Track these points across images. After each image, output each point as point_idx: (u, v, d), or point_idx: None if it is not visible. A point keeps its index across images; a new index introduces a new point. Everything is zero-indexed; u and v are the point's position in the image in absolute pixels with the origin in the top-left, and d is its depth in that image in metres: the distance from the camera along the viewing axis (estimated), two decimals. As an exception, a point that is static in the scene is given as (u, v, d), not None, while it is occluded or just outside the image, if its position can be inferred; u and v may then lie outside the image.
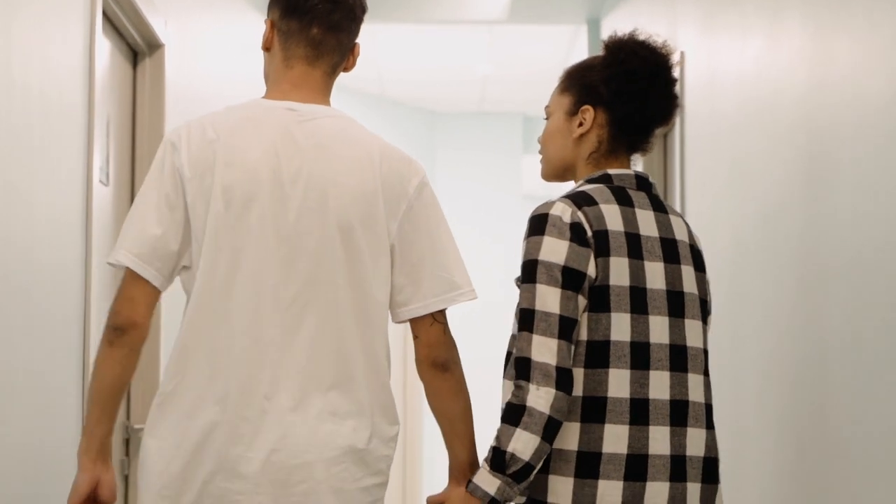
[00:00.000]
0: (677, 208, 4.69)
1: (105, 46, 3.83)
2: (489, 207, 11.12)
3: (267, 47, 2.55)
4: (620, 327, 2.50)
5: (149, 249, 2.40)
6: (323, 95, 2.54)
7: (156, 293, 2.44)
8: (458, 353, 2.58)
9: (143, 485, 2.47)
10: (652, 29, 5.36)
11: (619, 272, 2.51)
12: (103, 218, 3.81)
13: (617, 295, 2.51)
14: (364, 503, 2.45)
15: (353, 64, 2.61)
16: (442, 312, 2.54)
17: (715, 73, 4.14)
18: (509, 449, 2.43)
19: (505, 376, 2.57)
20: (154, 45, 4.24)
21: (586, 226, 2.51)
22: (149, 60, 4.25)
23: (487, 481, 2.46)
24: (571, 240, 2.49)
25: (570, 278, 2.48)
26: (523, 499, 2.49)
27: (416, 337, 2.54)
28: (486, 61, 9.60)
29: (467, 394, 2.60)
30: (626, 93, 2.62)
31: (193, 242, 2.43)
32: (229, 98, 5.83)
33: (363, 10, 2.59)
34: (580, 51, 8.12)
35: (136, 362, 2.45)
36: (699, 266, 2.67)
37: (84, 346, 3.41)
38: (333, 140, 2.46)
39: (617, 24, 6.83)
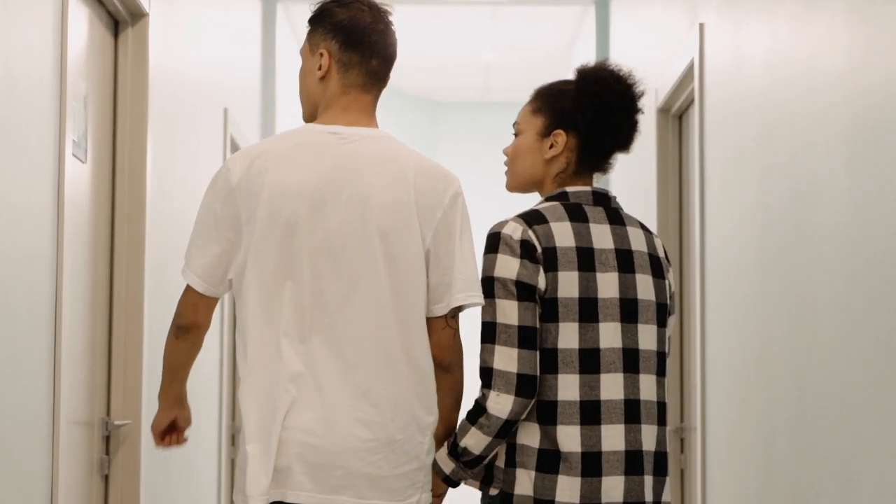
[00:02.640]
0: (696, 189, 4.42)
1: (82, 14, 3.56)
2: (492, 201, 10.75)
3: (324, 76, 2.80)
4: (568, 336, 2.73)
5: (210, 269, 2.72)
6: (369, 116, 2.82)
7: (214, 301, 2.79)
8: (462, 357, 2.85)
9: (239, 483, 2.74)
10: (668, 2, 5.06)
11: (568, 285, 2.74)
12: (80, 197, 3.54)
13: (565, 306, 2.73)
14: (400, 487, 2.70)
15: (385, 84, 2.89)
16: (455, 318, 2.80)
17: (740, 45, 3.86)
18: (462, 444, 2.75)
19: None
20: (137, 15, 3.96)
21: (536, 243, 2.74)
22: (131, 31, 3.97)
23: (444, 462, 2.79)
24: (522, 256, 2.73)
25: (524, 291, 2.72)
26: (497, 491, 2.76)
27: (429, 336, 2.77)
28: (490, 48, 9.32)
29: (461, 391, 2.88)
30: (600, 123, 2.84)
31: (244, 257, 2.71)
32: (218, 78, 5.59)
33: (396, 36, 2.86)
34: (588, 35, 7.84)
35: (199, 348, 2.86)
36: (658, 273, 2.86)
37: (55, 339, 3.13)
38: (371, 159, 2.73)
39: (627, 5, 6.55)
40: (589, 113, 2.83)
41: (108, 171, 3.88)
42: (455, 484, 2.81)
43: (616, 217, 2.84)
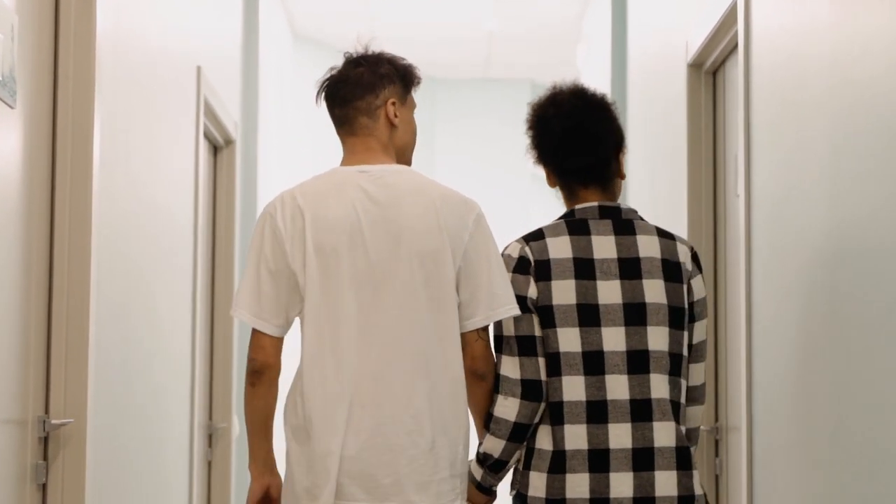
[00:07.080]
0: (739, 152, 3.80)
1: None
2: (494, 185, 10.12)
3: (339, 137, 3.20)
4: (568, 340, 3.01)
5: (263, 308, 2.99)
6: (383, 154, 3.12)
7: (279, 339, 3.01)
8: (494, 365, 3.10)
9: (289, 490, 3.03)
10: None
11: (564, 293, 3.03)
12: (6, 148, 2.92)
13: (563, 312, 3.02)
14: (444, 491, 2.98)
15: (393, 116, 3.12)
16: (486, 330, 3.08)
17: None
18: (481, 449, 3.06)
19: None
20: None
21: (530, 257, 3.07)
22: (75, -43, 3.36)
23: (475, 469, 3.10)
24: (514, 271, 3.06)
25: (518, 302, 3.03)
26: (514, 492, 3.03)
27: (462, 349, 3.05)
28: (492, 16, 8.69)
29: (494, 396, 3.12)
30: (538, 149, 3.19)
31: (300, 291, 3.00)
32: (188, 31, 4.87)
33: (375, 76, 3.13)
34: (599, 2, 7.25)
35: (276, 392, 3.01)
36: (673, 278, 3.09)
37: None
38: (401, 192, 3.04)
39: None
40: (533, 142, 3.19)
41: (47, 118, 3.27)
42: (488, 490, 3.09)
43: (625, 227, 3.09)
